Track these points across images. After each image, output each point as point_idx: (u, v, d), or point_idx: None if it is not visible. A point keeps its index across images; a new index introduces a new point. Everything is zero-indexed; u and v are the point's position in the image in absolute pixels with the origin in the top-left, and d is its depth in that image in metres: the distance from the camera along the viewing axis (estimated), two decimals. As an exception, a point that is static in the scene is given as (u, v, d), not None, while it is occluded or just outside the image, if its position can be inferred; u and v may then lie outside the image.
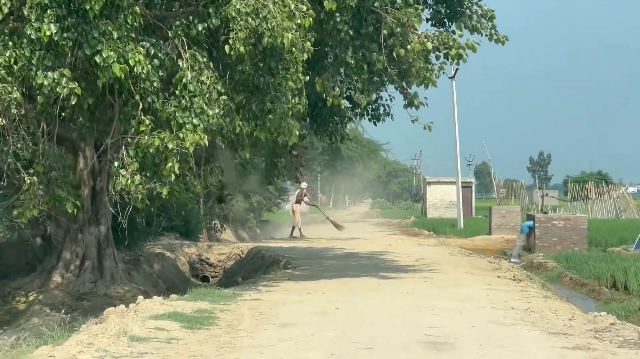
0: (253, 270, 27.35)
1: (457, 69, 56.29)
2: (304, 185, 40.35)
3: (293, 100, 16.65)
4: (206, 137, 15.68)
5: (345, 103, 18.94)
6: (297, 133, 16.69)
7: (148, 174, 16.08)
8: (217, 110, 15.76)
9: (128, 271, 22.60)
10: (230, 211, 41.08)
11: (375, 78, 19.02)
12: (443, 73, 19.54)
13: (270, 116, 16.23)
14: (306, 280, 18.70)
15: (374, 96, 21.25)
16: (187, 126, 15.55)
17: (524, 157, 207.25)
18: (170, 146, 15.35)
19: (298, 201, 39.66)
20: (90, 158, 20.98)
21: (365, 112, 22.48)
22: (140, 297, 14.03)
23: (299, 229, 38.98)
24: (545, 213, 37.12)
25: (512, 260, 33.80)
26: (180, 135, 15.46)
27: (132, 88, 15.60)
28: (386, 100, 22.45)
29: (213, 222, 41.77)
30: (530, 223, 34.64)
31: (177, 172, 15.48)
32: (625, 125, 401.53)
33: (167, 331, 10.95)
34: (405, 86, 19.15)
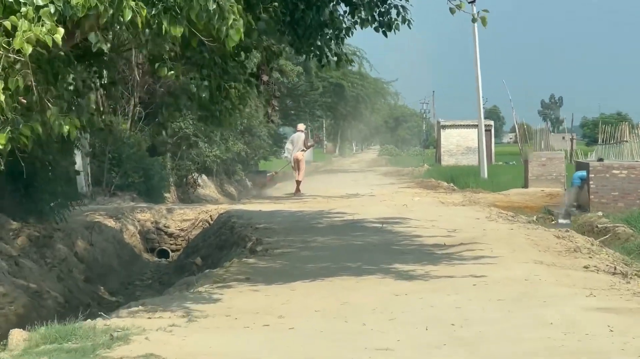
0: (218, 246, 19.90)
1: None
2: (301, 126, 32.35)
3: (232, -35, 8.99)
4: (62, 30, 8.11)
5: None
6: (240, 27, 8.96)
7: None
8: (83, -18, 8.18)
9: (15, 261, 14.98)
10: (206, 162, 33.23)
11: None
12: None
13: (186, -8, 8.56)
14: (274, 283, 11.17)
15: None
16: (23, 10, 7.99)
17: (534, 100, 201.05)
18: (-14, 48, 7.82)
19: (302, 150, 31.40)
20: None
21: (370, 17, 14.79)
22: None
23: (298, 183, 31.21)
24: (601, 160, 29.49)
25: (561, 220, 26.37)
26: (7, 24, 7.93)
27: None
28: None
29: (190, 176, 34.05)
30: (583, 173, 27.03)
31: (2, 99, 7.93)
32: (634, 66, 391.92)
33: None
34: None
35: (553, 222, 26.18)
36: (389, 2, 14.87)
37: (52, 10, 8.01)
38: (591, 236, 20.86)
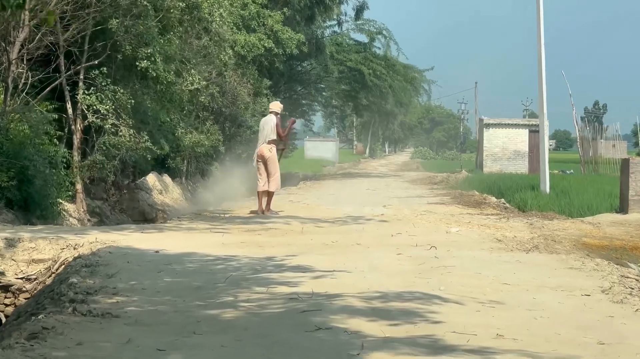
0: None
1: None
2: (275, 105, 20.46)
3: None
4: None
5: None
6: None
7: None
8: None
9: None
10: (132, 157, 22.07)
11: None
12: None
13: None
14: None
15: None
16: None
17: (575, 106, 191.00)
18: None
19: (273, 141, 19.98)
20: None
21: None
22: None
23: (263, 194, 20.08)
24: None
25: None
26: None
27: None
28: None
29: (108, 178, 22.81)
30: None
31: None
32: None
33: None
34: None
35: (688, 279, 15.14)
36: None
37: None
38: None
